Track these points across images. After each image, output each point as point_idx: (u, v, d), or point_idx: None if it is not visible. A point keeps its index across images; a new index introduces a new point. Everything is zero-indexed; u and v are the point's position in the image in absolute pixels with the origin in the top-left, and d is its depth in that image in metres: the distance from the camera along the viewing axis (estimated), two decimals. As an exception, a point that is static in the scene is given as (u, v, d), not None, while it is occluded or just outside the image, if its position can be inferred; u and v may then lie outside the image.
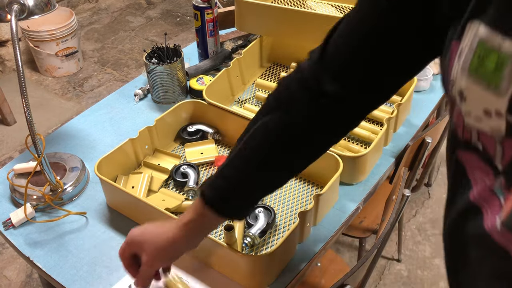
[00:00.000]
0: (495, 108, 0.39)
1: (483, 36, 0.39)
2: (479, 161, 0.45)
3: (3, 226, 0.95)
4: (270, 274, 0.84)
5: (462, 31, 0.42)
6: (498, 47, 0.38)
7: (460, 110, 0.43)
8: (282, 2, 1.47)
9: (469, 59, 0.41)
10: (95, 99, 2.63)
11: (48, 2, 0.91)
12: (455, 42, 0.43)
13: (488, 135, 0.42)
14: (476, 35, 0.40)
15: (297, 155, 0.65)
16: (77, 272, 0.87)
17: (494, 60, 0.39)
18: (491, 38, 0.39)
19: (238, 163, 0.65)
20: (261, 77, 1.35)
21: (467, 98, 0.42)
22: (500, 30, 0.38)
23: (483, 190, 0.44)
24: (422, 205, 2.03)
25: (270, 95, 0.66)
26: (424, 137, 1.16)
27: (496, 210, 0.42)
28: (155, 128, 1.07)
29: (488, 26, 0.39)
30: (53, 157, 1.07)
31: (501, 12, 0.38)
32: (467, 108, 0.42)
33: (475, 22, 0.41)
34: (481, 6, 0.40)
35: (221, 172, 0.66)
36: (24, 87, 0.86)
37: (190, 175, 1.01)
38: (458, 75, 0.42)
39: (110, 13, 3.49)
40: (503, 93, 0.38)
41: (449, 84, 0.44)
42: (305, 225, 0.88)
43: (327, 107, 0.61)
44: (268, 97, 0.66)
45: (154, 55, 1.24)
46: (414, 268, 1.78)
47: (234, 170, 0.65)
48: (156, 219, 0.90)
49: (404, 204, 1.01)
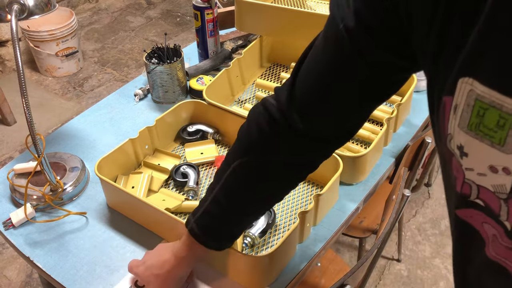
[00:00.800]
0: (503, 165, 0.38)
1: (480, 94, 0.37)
2: (485, 217, 0.42)
3: (3, 226, 0.95)
4: (270, 274, 0.84)
5: (453, 87, 0.40)
6: (499, 106, 0.36)
7: (460, 165, 0.42)
8: (282, 2, 1.47)
9: (468, 116, 0.39)
10: (95, 99, 2.63)
11: (48, 2, 0.91)
12: (447, 97, 0.41)
13: (490, 191, 0.40)
14: (473, 92, 0.38)
15: (274, 191, 0.71)
16: (77, 272, 0.87)
17: (495, 118, 0.37)
18: (489, 96, 0.37)
19: (216, 210, 0.71)
20: (261, 77, 1.35)
21: (469, 154, 0.40)
22: (498, 90, 0.36)
23: (500, 249, 0.42)
24: (422, 205, 2.03)
25: (240, 133, 0.68)
26: (424, 137, 1.16)
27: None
28: (155, 128, 1.07)
29: (485, 85, 0.37)
30: (53, 157, 1.07)
31: (498, 73, 0.36)
32: (470, 164, 0.40)
33: (467, 79, 0.38)
34: (473, 63, 0.38)
35: (204, 213, 0.72)
36: (24, 87, 0.86)
37: (190, 175, 1.01)
38: (455, 130, 0.40)
39: (110, 13, 3.49)
40: (510, 150, 0.37)
41: (445, 138, 0.43)
42: (305, 225, 0.88)
43: (300, 142, 0.63)
44: (238, 135, 0.68)
45: (154, 55, 1.24)
46: (414, 268, 1.78)
47: (213, 216, 0.71)
48: (156, 219, 0.90)
49: (404, 204, 1.01)
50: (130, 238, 0.92)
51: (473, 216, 0.44)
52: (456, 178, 0.44)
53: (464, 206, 0.45)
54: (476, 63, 0.38)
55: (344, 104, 0.57)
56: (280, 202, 0.98)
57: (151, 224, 0.93)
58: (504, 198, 0.39)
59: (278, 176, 0.67)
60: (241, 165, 0.66)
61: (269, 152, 0.64)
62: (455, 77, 0.40)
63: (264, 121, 0.63)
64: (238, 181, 0.67)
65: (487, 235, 0.43)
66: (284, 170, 0.67)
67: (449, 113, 0.41)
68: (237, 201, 0.69)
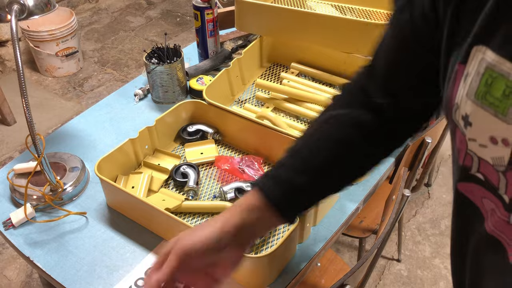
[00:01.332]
0: (503, 136, 0.38)
1: (491, 62, 0.38)
2: (485, 191, 0.43)
3: (3, 226, 0.95)
4: (270, 274, 0.84)
5: (467, 55, 0.41)
6: (507, 74, 0.37)
7: (464, 136, 0.42)
8: (282, 2, 1.47)
9: (476, 85, 0.40)
10: (95, 99, 2.63)
11: (48, 2, 0.91)
12: (461, 65, 0.42)
13: (489, 164, 0.41)
14: (483, 60, 0.39)
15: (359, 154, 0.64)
16: (77, 272, 0.87)
17: (502, 87, 0.38)
18: (499, 64, 0.38)
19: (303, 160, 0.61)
20: (261, 77, 1.35)
21: (473, 124, 0.41)
22: (508, 58, 0.37)
23: (498, 223, 0.43)
24: (422, 205, 2.03)
25: (334, 98, 0.67)
26: (424, 137, 1.16)
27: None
28: (155, 128, 1.07)
29: (496, 53, 0.38)
30: (53, 157, 1.07)
31: (510, 41, 0.37)
32: (473, 134, 0.41)
33: (480, 47, 0.40)
34: (487, 32, 0.39)
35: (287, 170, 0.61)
36: (24, 87, 0.86)
37: (190, 175, 1.01)
38: (463, 99, 0.41)
39: (110, 13, 3.49)
40: (511, 121, 0.37)
41: (452, 108, 0.43)
42: (305, 225, 0.88)
43: (384, 119, 0.62)
44: (333, 98, 0.67)
45: (154, 55, 1.24)
46: (414, 268, 1.78)
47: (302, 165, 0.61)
48: (156, 219, 0.90)
49: (404, 204, 1.01)
50: (130, 238, 0.92)
51: (474, 191, 0.45)
52: (460, 150, 0.45)
53: (465, 180, 0.45)
54: (490, 31, 0.39)
55: (409, 82, 0.58)
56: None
57: (151, 224, 0.93)
58: (502, 170, 0.40)
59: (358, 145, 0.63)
60: (332, 119, 0.64)
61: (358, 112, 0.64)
62: (470, 46, 0.41)
63: (356, 89, 0.65)
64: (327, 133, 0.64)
65: (486, 210, 0.44)
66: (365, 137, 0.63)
67: (459, 81, 0.42)
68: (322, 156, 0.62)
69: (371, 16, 1.42)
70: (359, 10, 1.45)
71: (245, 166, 1.04)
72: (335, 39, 1.20)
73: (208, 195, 1.01)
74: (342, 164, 0.63)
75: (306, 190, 0.61)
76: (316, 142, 0.62)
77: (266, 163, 1.07)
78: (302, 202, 0.62)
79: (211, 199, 1.00)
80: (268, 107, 1.22)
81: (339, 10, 1.46)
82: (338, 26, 1.18)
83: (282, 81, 1.28)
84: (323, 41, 1.23)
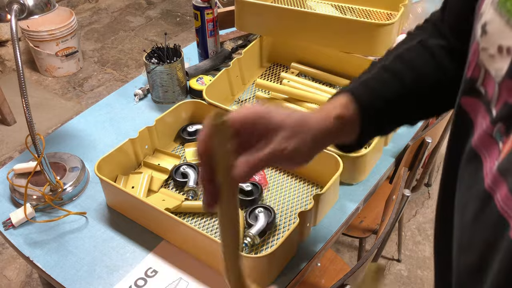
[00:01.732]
0: (508, 45, 0.38)
1: None
2: (481, 105, 0.44)
3: (3, 226, 0.95)
4: (270, 274, 0.84)
5: None
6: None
7: (478, 45, 0.43)
8: (282, 2, 1.47)
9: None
10: (95, 99, 2.63)
11: (48, 2, 0.91)
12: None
13: (491, 76, 0.41)
14: None
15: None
16: (77, 272, 0.87)
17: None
18: None
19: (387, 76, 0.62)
20: (261, 77, 1.35)
21: (488, 32, 0.41)
22: None
23: (482, 135, 0.43)
24: (422, 205, 2.03)
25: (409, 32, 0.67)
26: (424, 137, 1.16)
27: (495, 157, 0.41)
28: (155, 128, 1.07)
29: None
30: (53, 157, 1.07)
31: None
32: (485, 43, 0.41)
33: None
34: None
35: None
36: (24, 87, 0.86)
37: (190, 175, 1.01)
38: (487, 7, 0.41)
39: (110, 13, 3.49)
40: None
41: (477, 17, 0.44)
42: (305, 225, 0.88)
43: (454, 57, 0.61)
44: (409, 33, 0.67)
45: (154, 55, 1.24)
46: (414, 268, 1.78)
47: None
48: (156, 219, 0.90)
49: (404, 204, 1.01)
50: (130, 238, 0.92)
51: (472, 105, 0.45)
52: (471, 62, 0.45)
53: (469, 93, 0.46)
54: None
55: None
56: (280, 202, 0.99)
57: (151, 224, 0.93)
58: (499, 81, 0.40)
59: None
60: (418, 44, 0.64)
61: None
62: None
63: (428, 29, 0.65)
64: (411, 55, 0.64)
65: (477, 126, 0.44)
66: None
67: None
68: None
69: (371, 16, 1.42)
70: (359, 10, 1.45)
71: (245, 166, 1.04)
72: (335, 39, 1.20)
73: (208, 195, 1.01)
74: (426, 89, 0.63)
75: (391, 108, 0.61)
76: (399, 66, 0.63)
77: (266, 163, 1.07)
78: (384, 120, 0.62)
79: (211, 199, 1.00)
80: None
81: (339, 10, 1.46)
82: (338, 26, 1.18)
83: (282, 81, 1.28)
84: (323, 41, 1.23)
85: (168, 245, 0.91)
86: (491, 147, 0.42)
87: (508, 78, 0.38)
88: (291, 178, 1.04)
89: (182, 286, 0.84)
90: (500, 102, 0.40)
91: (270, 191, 1.01)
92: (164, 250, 0.90)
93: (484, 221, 0.41)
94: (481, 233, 0.42)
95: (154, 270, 0.87)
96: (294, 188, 1.02)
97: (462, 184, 0.47)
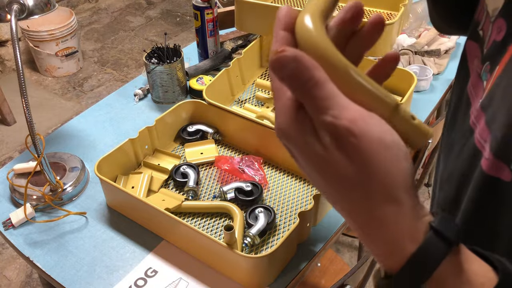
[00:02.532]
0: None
1: None
2: (477, 49, 0.44)
3: (3, 226, 0.95)
4: (270, 274, 0.84)
5: None
6: None
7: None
8: (282, 2, 1.47)
9: None
10: (95, 99, 2.63)
11: (48, 2, 0.91)
12: None
13: (489, 17, 0.41)
14: None
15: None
16: (77, 272, 0.87)
17: None
18: None
19: None
20: (261, 77, 1.35)
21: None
22: None
23: (474, 78, 0.44)
24: (422, 205, 2.03)
25: None
26: (424, 137, 1.16)
27: (480, 96, 0.41)
28: (155, 128, 1.07)
29: None
30: (53, 157, 1.07)
31: None
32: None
33: None
34: None
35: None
36: (24, 87, 0.86)
37: (190, 175, 1.01)
38: None
39: (110, 13, 3.49)
40: None
41: None
42: (305, 225, 0.88)
43: None
44: None
45: (154, 55, 1.24)
46: (414, 268, 1.78)
47: None
48: (156, 219, 0.90)
49: (404, 204, 1.01)
50: (130, 238, 0.92)
51: (471, 47, 0.46)
52: (481, 3, 0.45)
53: (471, 37, 0.46)
54: None
55: None
56: (280, 202, 0.99)
57: (151, 224, 0.93)
58: (492, 20, 0.40)
59: None
60: None
61: None
62: None
63: None
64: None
65: (472, 71, 0.45)
66: None
67: None
68: None
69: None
70: (359, 10, 1.45)
71: (245, 166, 1.04)
72: (335, 39, 1.20)
73: (208, 195, 1.01)
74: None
75: None
76: None
77: (266, 163, 1.07)
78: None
79: (211, 199, 1.00)
80: (268, 107, 1.22)
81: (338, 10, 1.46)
82: (338, 26, 1.17)
83: (282, 81, 1.28)
84: (323, 41, 1.23)
85: (168, 245, 0.91)
86: (478, 87, 0.42)
87: (500, 16, 0.39)
88: (291, 178, 1.04)
89: (182, 286, 0.84)
90: (490, 42, 0.41)
91: (270, 191, 1.01)
92: (164, 250, 0.90)
93: (464, 154, 0.43)
94: (460, 166, 0.43)
95: (154, 270, 0.87)
96: (294, 188, 1.02)
97: (456, 127, 0.48)
